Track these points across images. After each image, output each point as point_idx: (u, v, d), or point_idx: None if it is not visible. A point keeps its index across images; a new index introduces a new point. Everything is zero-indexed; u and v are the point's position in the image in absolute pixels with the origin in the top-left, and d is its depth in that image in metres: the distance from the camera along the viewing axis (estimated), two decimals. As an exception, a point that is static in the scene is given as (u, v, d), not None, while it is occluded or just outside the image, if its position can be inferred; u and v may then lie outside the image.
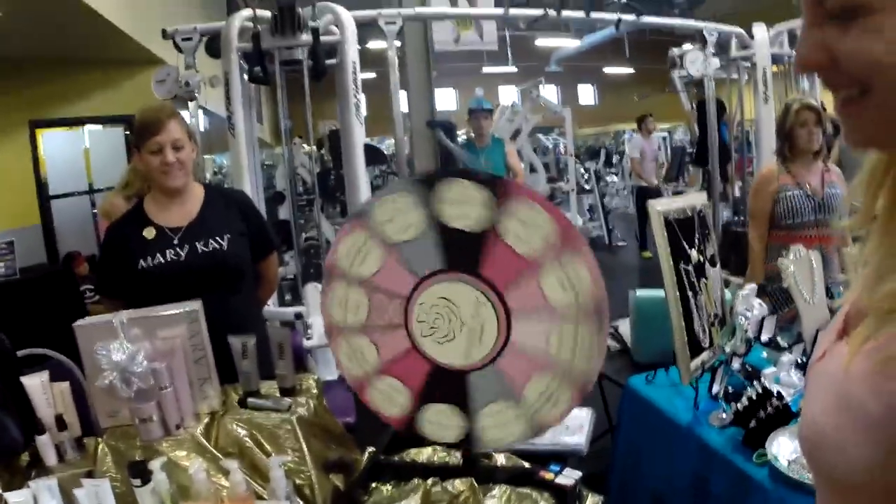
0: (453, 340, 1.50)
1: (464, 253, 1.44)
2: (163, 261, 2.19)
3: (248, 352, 1.76)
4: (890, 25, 0.56)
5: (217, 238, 2.26)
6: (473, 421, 1.54)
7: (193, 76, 4.25)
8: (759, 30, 6.55)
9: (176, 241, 2.23)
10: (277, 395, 1.80)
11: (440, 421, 1.57)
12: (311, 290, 3.70)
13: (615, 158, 16.71)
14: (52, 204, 8.10)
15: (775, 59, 6.90)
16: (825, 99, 4.71)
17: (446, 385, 1.54)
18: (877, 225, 0.69)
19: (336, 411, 1.99)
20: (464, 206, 1.42)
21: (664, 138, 17.86)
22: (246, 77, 4.22)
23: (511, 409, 1.50)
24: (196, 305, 1.74)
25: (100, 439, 1.71)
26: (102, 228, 5.13)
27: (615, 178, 15.46)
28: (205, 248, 2.24)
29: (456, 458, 1.74)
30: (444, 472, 1.65)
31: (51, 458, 1.67)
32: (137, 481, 1.47)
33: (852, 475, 0.63)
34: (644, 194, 9.15)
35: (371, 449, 1.82)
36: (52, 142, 8.20)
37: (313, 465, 1.64)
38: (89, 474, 1.61)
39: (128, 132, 8.38)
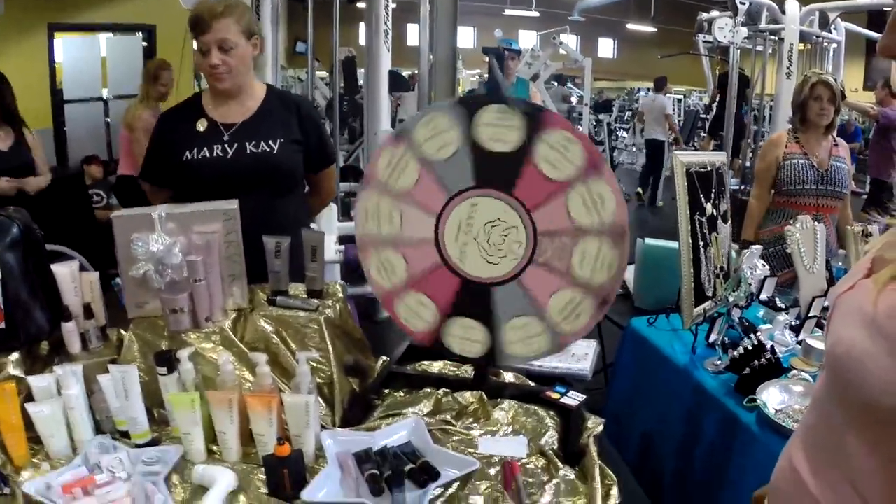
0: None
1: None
2: (208, 155, 2.15)
3: (281, 252, 1.81)
4: None
5: (269, 141, 2.19)
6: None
7: (223, -14, 4.23)
8: (792, 5, 6.52)
9: (226, 138, 2.17)
10: (305, 296, 1.86)
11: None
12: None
13: (627, 114, 16.68)
14: (65, 108, 8.11)
15: (803, 37, 6.88)
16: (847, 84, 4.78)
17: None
18: None
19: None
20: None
21: (679, 100, 17.78)
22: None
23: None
24: (234, 204, 1.78)
25: (122, 331, 1.74)
26: (123, 140, 5.19)
27: (625, 134, 15.49)
28: (254, 150, 2.17)
29: (466, 372, 1.83)
30: (455, 384, 1.74)
31: (75, 345, 1.70)
32: (164, 370, 1.51)
33: (877, 395, 0.73)
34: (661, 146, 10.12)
35: (384, 358, 1.91)
36: (69, 47, 8.15)
37: (336, 364, 1.72)
38: (113, 363, 1.63)
39: (145, 42, 8.33)
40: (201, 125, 2.19)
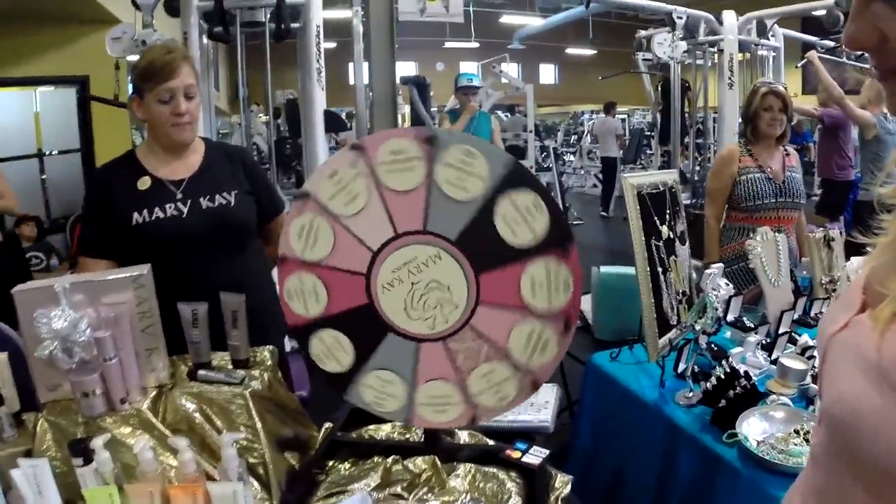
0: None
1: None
2: (162, 216, 1.98)
3: (199, 320, 1.63)
4: None
5: (224, 194, 2.06)
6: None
7: (150, 35, 4.08)
8: (729, 16, 6.60)
9: (179, 196, 2.02)
10: (230, 367, 1.68)
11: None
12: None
13: (573, 138, 16.84)
14: (-5, 167, 7.80)
15: (742, 47, 6.95)
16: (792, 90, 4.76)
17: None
18: None
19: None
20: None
21: (623, 120, 18.07)
22: (205, 38, 4.08)
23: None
24: (145, 269, 1.61)
25: (39, 415, 1.57)
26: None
27: (572, 158, 15.67)
28: (210, 204, 2.03)
29: (417, 435, 1.66)
30: (405, 449, 1.57)
31: (-17, 437, 1.52)
32: (79, 461, 1.35)
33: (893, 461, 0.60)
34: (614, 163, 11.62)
35: (328, 425, 1.73)
36: (1, 102, 7.87)
37: (267, 442, 1.54)
38: (27, 453, 1.48)
39: (80, 94, 8.09)
40: (143, 184, 2.02)
